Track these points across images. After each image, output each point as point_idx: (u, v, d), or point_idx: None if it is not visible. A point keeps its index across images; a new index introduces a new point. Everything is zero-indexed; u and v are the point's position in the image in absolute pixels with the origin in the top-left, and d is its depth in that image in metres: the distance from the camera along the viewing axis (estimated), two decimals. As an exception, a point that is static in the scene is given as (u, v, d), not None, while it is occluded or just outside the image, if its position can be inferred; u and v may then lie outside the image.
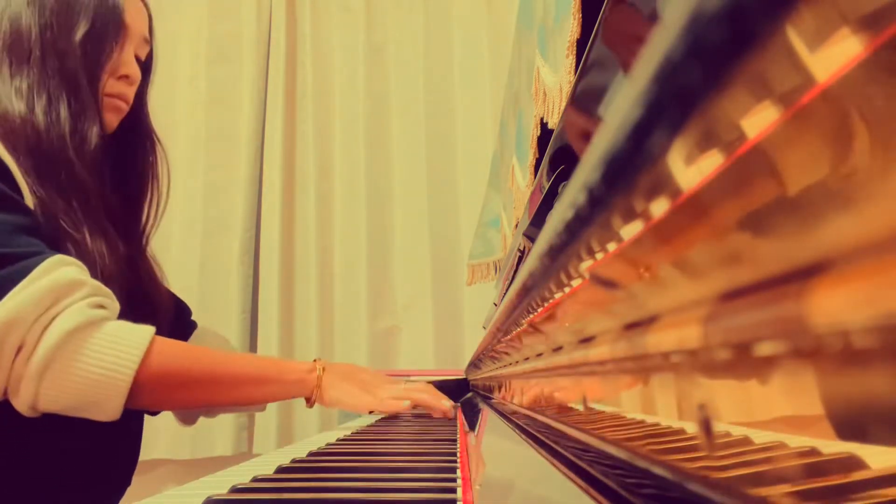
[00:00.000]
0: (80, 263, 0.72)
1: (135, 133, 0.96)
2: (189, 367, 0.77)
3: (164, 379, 0.74)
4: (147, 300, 0.91)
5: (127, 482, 0.90)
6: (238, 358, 0.87)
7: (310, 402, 0.91)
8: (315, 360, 0.93)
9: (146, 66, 0.97)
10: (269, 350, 1.93)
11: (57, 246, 0.74)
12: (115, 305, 0.74)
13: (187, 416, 1.03)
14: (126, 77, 0.90)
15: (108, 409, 0.71)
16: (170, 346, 0.76)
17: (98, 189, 0.83)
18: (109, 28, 0.88)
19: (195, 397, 0.81)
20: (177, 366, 0.76)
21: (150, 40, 0.96)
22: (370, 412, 1.09)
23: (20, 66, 0.82)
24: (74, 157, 0.81)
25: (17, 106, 0.80)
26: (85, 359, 0.69)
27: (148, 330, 0.73)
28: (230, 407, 0.98)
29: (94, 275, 0.76)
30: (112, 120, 0.89)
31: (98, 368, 0.69)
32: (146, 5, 0.95)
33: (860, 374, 0.10)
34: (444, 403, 1.02)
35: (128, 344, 0.71)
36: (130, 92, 0.92)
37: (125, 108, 0.91)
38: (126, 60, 0.90)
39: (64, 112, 0.82)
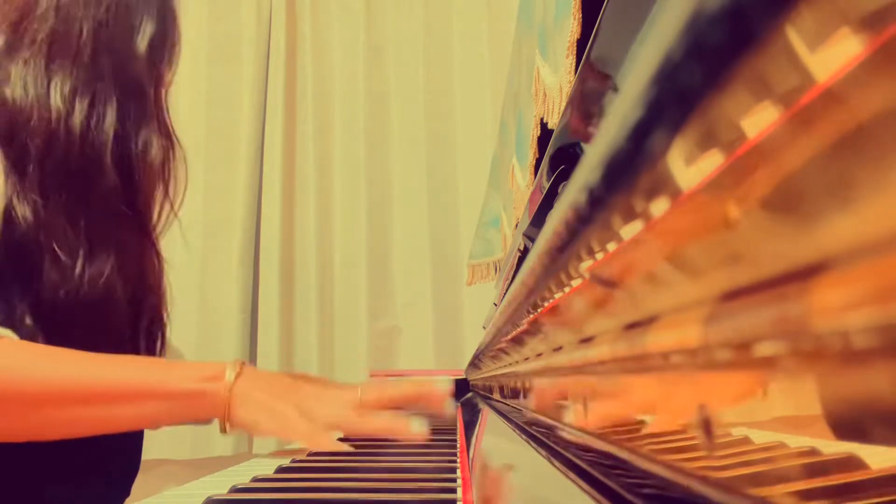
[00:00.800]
0: None
1: (162, 136, 0.90)
2: (9, 383, 0.58)
3: None
4: (148, 307, 0.83)
5: (126, 492, 0.87)
6: (93, 361, 0.62)
7: (221, 426, 0.63)
8: (233, 362, 0.66)
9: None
10: (270, 350, 1.92)
11: (37, 265, 0.68)
12: None
13: None
14: (169, 84, 0.86)
15: None
16: (4, 354, 0.59)
17: (147, 202, 0.78)
18: (169, 35, 0.83)
19: (26, 426, 0.60)
20: (3, 382, 0.57)
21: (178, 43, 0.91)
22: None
23: (64, 64, 0.75)
24: (112, 167, 0.74)
25: (54, 103, 0.72)
26: None
27: None
28: (104, 433, 0.66)
29: (75, 299, 0.68)
30: None
31: None
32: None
33: (860, 374, 0.10)
34: (417, 429, 0.68)
35: None
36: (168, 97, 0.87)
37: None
38: (171, 69, 0.85)
39: (111, 118, 0.75)
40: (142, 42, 0.80)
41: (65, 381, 0.59)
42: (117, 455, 0.84)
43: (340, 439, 0.80)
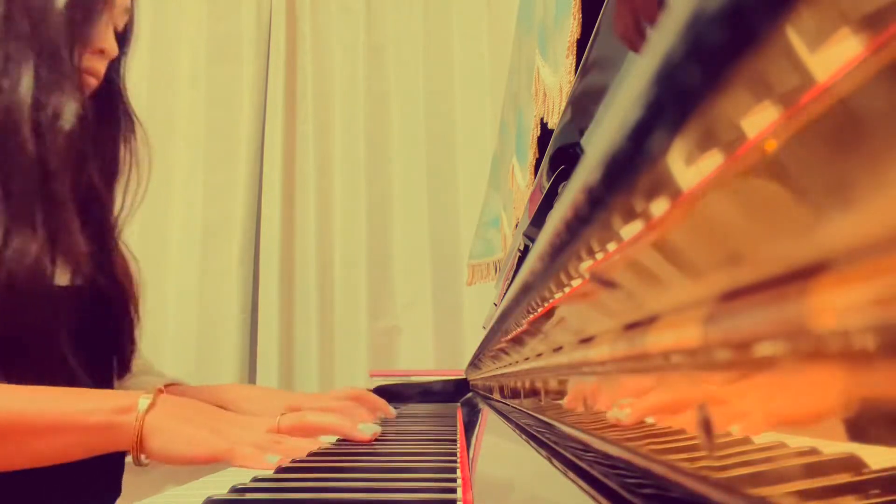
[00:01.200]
0: None
1: (110, 110, 0.83)
2: None
3: None
4: (104, 298, 0.78)
5: (117, 490, 0.85)
6: (10, 394, 0.58)
7: (135, 457, 0.61)
8: (157, 391, 0.63)
9: (124, 37, 0.85)
10: (270, 350, 1.92)
11: None
12: None
13: None
14: (102, 52, 0.78)
15: None
16: None
17: (61, 174, 0.70)
18: None
19: None
20: None
21: (131, 9, 0.85)
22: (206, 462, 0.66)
23: None
24: (31, 135, 0.68)
25: None
26: None
27: None
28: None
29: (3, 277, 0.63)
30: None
31: None
32: None
33: (860, 374, 0.10)
34: (361, 431, 0.70)
35: None
36: (102, 67, 0.80)
37: (95, 84, 0.79)
38: (104, 33, 0.78)
39: (27, 81, 0.69)
40: (60, 2, 0.73)
41: None
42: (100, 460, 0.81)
43: (344, 439, 0.80)
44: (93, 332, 0.76)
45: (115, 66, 0.84)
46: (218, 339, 1.94)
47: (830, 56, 0.10)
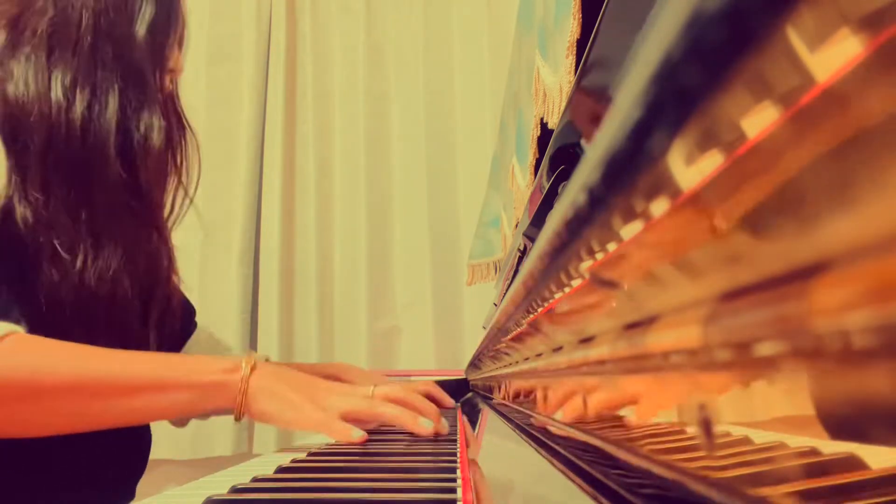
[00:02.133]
0: None
1: (171, 123, 0.86)
2: (44, 376, 0.59)
3: (6, 392, 0.58)
4: (162, 302, 0.82)
5: (131, 495, 0.87)
6: (121, 357, 0.65)
7: (236, 416, 0.68)
8: (247, 355, 0.70)
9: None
10: (270, 350, 1.92)
11: (35, 263, 0.67)
12: None
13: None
14: (172, 71, 0.83)
15: None
16: (23, 347, 0.60)
17: (151, 190, 0.76)
18: (172, 17, 0.81)
19: (58, 416, 0.62)
20: (24, 374, 0.59)
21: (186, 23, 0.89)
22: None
23: (64, 56, 0.73)
24: (117, 157, 0.72)
25: (55, 96, 0.71)
26: None
27: None
28: (130, 424, 0.72)
29: (75, 296, 0.68)
30: None
31: None
32: None
33: (860, 375, 0.10)
34: (425, 425, 0.72)
35: None
36: (171, 85, 0.85)
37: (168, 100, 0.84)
38: (177, 53, 0.83)
39: (113, 106, 0.73)
40: (141, 26, 0.78)
41: (95, 373, 0.63)
42: (121, 459, 0.83)
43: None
44: (147, 330, 0.79)
45: (173, 79, 0.89)
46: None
47: (830, 56, 0.10)
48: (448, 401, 0.90)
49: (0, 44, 0.73)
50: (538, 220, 0.58)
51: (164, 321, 0.83)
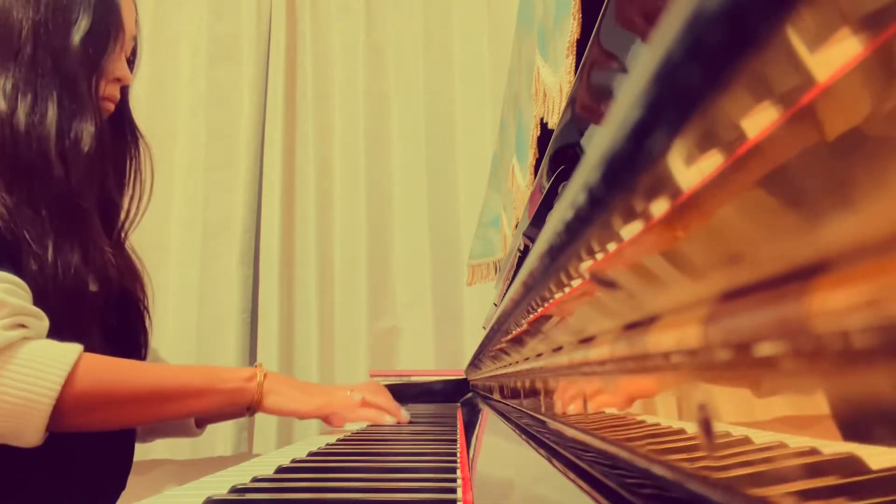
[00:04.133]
0: (11, 280, 0.68)
1: (117, 127, 0.92)
2: (114, 386, 0.73)
3: (89, 401, 0.70)
4: (124, 299, 0.88)
5: (121, 485, 0.88)
6: (170, 370, 0.82)
7: (251, 410, 0.86)
8: (256, 366, 0.88)
9: (131, 61, 0.94)
10: (270, 350, 1.93)
11: (18, 257, 0.72)
12: (41, 324, 0.70)
13: (144, 435, 0.99)
14: (119, 79, 0.87)
15: (28, 437, 0.67)
16: (96, 365, 0.71)
17: (84, 192, 0.80)
18: (110, 28, 0.85)
19: (124, 416, 0.76)
20: (102, 386, 0.71)
21: (136, 36, 0.93)
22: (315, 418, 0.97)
23: (5, 64, 0.78)
24: (58, 160, 0.77)
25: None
26: (0, 386, 0.64)
27: (72, 350, 0.69)
28: (169, 424, 0.93)
29: (51, 288, 0.73)
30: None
31: (14, 396, 0.65)
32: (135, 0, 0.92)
33: (860, 375, 0.10)
34: (387, 419, 0.94)
35: (48, 367, 0.67)
36: (118, 93, 0.89)
37: (112, 109, 0.89)
38: (120, 62, 0.87)
39: (52, 112, 0.78)
40: (76, 36, 0.81)
41: (166, 381, 0.78)
42: (109, 448, 0.85)
43: (344, 438, 0.80)
44: (116, 330, 0.86)
45: (123, 88, 0.92)
46: (218, 339, 1.94)
47: (830, 56, 0.10)
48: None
49: None
50: (538, 220, 0.58)
51: (131, 325, 0.89)
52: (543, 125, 0.64)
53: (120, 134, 0.93)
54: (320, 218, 2.03)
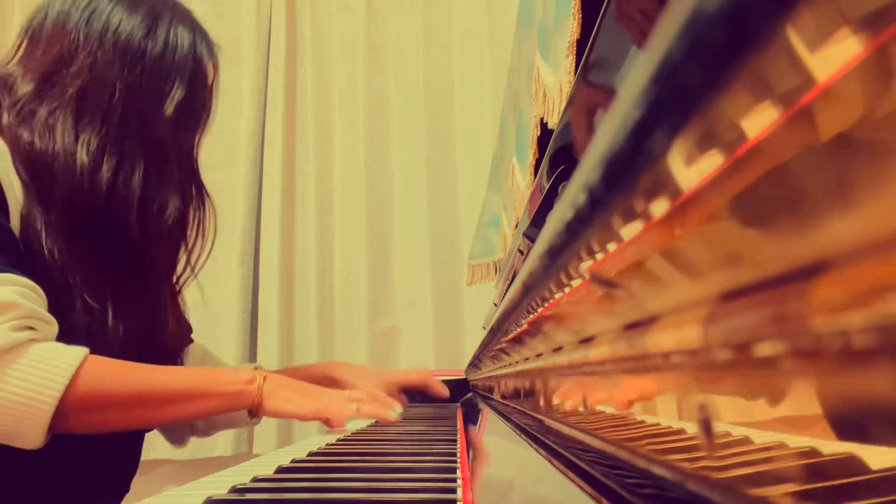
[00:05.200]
0: (26, 284, 0.68)
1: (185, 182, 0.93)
2: (117, 389, 0.72)
3: (91, 403, 0.70)
4: (161, 351, 0.89)
5: (125, 489, 0.88)
6: (171, 373, 0.81)
7: (252, 413, 0.86)
8: (255, 369, 0.87)
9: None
10: (270, 350, 1.93)
11: (67, 303, 0.74)
12: (51, 329, 0.70)
13: (176, 438, 1.01)
14: (197, 146, 0.89)
15: (30, 438, 0.67)
16: (100, 367, 0.71)
17: (159, 261, 0.82)
18: (203, 102, 0.86)
19: (126, 419, 0.75)
20: (104, 388, 0.71)
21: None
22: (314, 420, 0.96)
23: (93, 121, 0.78)
24: (137, 224, 0.78)
25: (80, 155, 0.76)
26: (3, 385, 0.64)
27: (78, 352, 0.69)
28: (172, 423, 0.94)
29: (100, 345, 0.74)
30: None
31: (17, 396, 0.65)
32: (216, 65, 0.92)
33: (860, 375, 0.10)
34: (390, 414, 0.94)
35: (53, 369, 0.67)
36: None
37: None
38: (201, 136, 0.89)
39: (138, 177, 0.79)
40: (169, 106, 0.82)
41: (169, 384, 0.77)
42: (116, 451, 0.85)
43: (344, 438, 0.80)
44: None
45: (193, 148, 0.94)
46: (218, 339, 1.94)
47: (830, 56, 0.10)
48: (436, 388, 1.07)
49: (27, 91, 0.77)
50: (538, 220, 0.58)
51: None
52: (543, 125, 0.64)
53: (187, 189, 0.94)
54: (320, 218, 2.03)
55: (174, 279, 0.93)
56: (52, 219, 0.74)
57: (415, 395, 1.55)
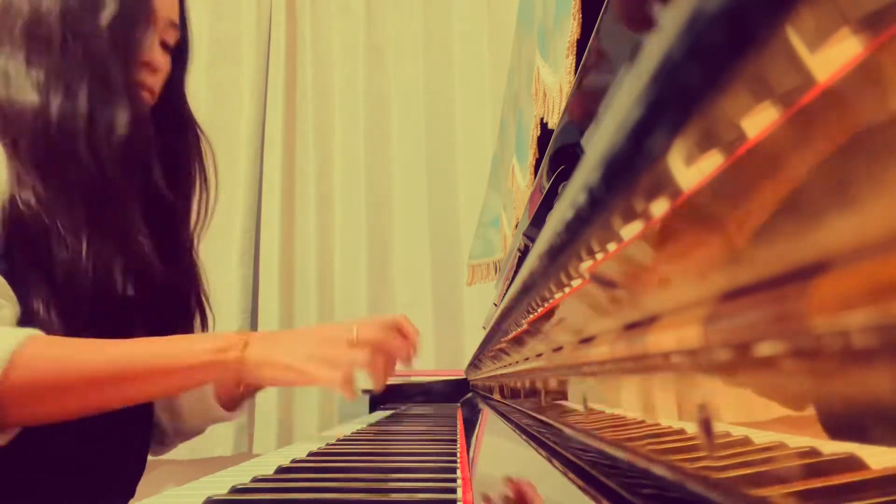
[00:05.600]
0: None
1: (174, 126, 0.89)
2: (63, 371, 0.65)
3: (33, 391, 0.63)
4: (181, 308, 0.84)
5: (130, 492, 0.87)
6: (128, 346, 0.69)
7: (239, 386, 0.75)
8: (239, 332, 0.75)
9: (180, 51, 0.91)
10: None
11: (48, 248, 0.70)
12: (5, 312, 0.65)
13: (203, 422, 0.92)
14: (147, 64, 0.83)
15: None
16: (42, 350, 0.64)
17: (120, 182, 0.76)
18: (139, 11, 0.82)
19: (79, 403, 0.67)
20: (48, 374, 0.64)
21: (178, 24, 0.90)
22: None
23: (39, 55, 0.76)
24: (87, 149, 0.74)
25: (30, 97, 0.74)
26: None
27: (16, 335, 0.63)
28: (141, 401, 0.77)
29: (84, 282, 0.70)
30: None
31: None
32: None
33: (860, 375, 0.10)
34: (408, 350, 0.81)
35: None
36: (154, 81, 0.85)
37: (149, 99, 0.85)
38: (149, 46, 0.83)
39: (83, 101, 0.75)
40: (105, 19, 0.79)
41: (107, 364, 0.67)
42: (121, 451, 0.83)
43: (343, 438, 0.80)
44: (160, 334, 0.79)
45: (173, 82, 0.89)
46: (218, 339, 1.94)
47: (830, 56, 0.10)
48: (412, 335, 0.89)
49: None
50: (538, 220, 0.58)
51: (170, 328, 0.82)
52: (543, 125, 0.64)
53: (172, 127, 0.89)
54: (320, 218, 2.03)
55: (184, 226, 0.86)
56: (24, 166, 0.72)
57: (415, 395, 1.56)
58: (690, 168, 0.15)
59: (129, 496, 0.86)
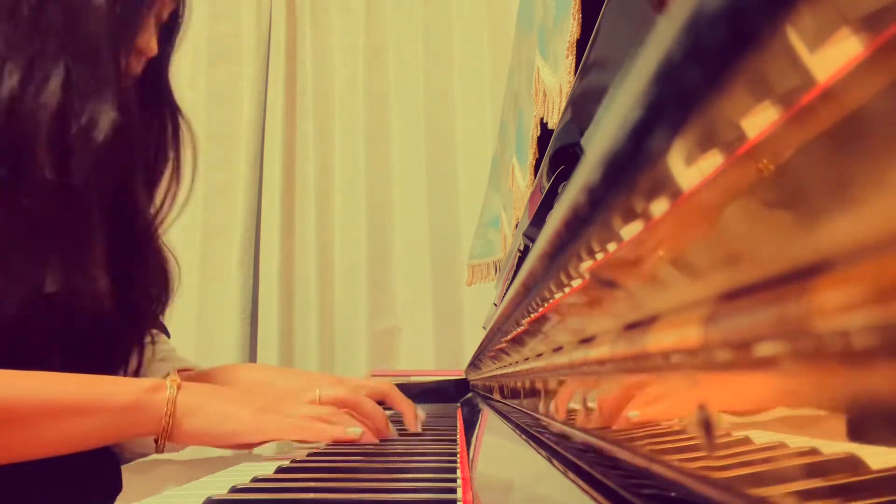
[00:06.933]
0: None
1: (152, 103, 0.73)
2: None
3: None
4: (137, 311, 0.69)
5: (118, 487, 0.82)
6: (35, 381, 0.55)
7: (158, 442, 0.58)
8: (167, 377, 0.60)
9: (171, 28, 0.76)
10: (270, 351, 1.92)
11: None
12: None
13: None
14: (140, 52, 0.68)
15: None
16: None
17: (88, 209, 0.61)
18: None
19: None
20: None
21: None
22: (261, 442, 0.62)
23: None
24: (46, 152, 0.58)
25: None
26: None
27: None
28: (52, 451, 0.58)
29: (16, 304, 0.56)
30: None
31: None
32: None
33: (860, 374, 0.10)
34: (354, 432, 0.65)
35: None
36: (139, 67, 0.69)
37: (130, 85, 0.68)
38: (148, 30, 0.68)
39: (54, 88, 0.59)
40: None
41: (23, 397, 0.54)
42: (95, 472, 0.72)
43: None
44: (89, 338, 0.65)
45: (161, 61, 0.74)
46: (218, 339, 1.94)
47: (830, 56, 0.10)
48: (402, 404, 0.78)
49: None
50: (538, 220, 0.58)
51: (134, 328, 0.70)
52: (543, 125, 0.64)
53: (155, 109, 0.74)
54: (320, 218, 2.03)
55: (145, 221, 0.71)
56: None
57: (416, 395, 1.56)
58: (690, 168, 0.15)
59: (118, 490, 0.75)
